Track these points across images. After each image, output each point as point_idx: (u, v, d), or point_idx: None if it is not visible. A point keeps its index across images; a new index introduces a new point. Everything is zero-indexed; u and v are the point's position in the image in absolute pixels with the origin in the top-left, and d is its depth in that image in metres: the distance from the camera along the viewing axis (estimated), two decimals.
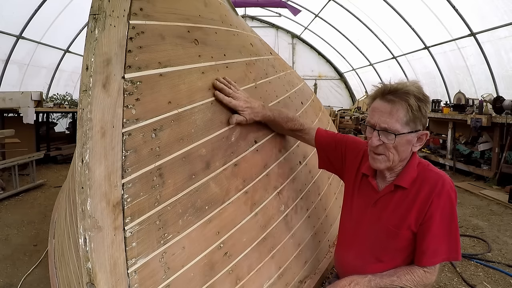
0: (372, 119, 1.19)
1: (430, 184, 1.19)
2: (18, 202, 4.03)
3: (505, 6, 5.38)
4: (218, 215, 1.15)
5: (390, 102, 1.14)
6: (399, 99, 1.13)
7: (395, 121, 1.13)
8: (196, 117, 1.15)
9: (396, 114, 1.13)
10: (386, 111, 1.15)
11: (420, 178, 1.22)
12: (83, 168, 0.83)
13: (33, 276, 2.36)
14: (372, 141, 1.18)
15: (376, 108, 1.19)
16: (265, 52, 2.02)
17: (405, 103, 1.12)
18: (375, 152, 1.20)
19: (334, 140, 1.49)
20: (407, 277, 1.19)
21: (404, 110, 1.13)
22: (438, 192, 1.17)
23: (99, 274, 0.80)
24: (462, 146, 5.87)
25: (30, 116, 5.14)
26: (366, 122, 1.23)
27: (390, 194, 1.26)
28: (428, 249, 1.17)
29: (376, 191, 1.30)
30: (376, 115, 1.17)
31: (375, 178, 1.31)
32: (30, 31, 6.82)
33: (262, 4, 9.06)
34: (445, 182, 1.18)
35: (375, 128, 1.17)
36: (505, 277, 2.43)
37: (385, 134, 1.15)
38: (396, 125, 1.13)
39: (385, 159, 1.19)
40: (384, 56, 9.70)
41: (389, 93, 1.16)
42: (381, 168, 1.23)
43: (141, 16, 1.03)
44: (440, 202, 1.16)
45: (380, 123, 1.15)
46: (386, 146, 1.16)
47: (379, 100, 1.18)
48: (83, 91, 0.87)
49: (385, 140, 1.16)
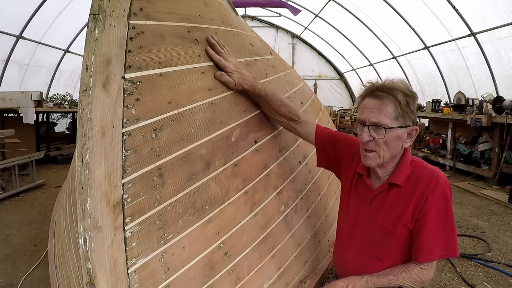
0: (362, 115, 1.21)
1: (424, 181, 1.19)
2: (18, 202, 4.03)
3: (505, 6, 5.38)
4: (218, 215, 1.15)
5: (379, 98, 1.18)
6: (387, 94, 1.16)
7: (384, 115, 1.16)
8: (196, 117, 1.15)
9: (385, 109, 1.16)
10: (375, 107, 1.17)
11: (414, 175, 1.22)
12: (83, 168, 0.83)
13: (33, 276, 2.36)
14: (362, 136, 1.19)
15: (365, 105, 1.22)
16: (265, 52, 2.02)
17: (393, 98, 1.15)
18: (366, 149, 1.22)
19: (333, 139, 1.49)
20: (403, 275, 1.20)
21: (392, 105, 1.16)
22: (432, 188, 1.18)
23: (99, 274, 0.80)
24: (462, 146, 5.87)
25: (30, 116, 5.14)
26: (357, 119, 1.25)
27: (385, 193, 1.26)
28: (424, 245, 1.18)
29: (370, 190, 1.30)
30: (365, 111, 1.20)
31: (369, 177, 1.32)
32: (30, 31, 6.82)
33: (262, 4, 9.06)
34: (439, 178, 1.19)
35: (365, 124, 1.19)
36: (505, 277, 2.42)
37: (375, 129, 1.17)
38: (385, 120, 1.15)
39: (376, 156, 1.20)
40: (384, 56, 9.70)
41: (377, 90, 1.19)
42: (372, 165, 1.23)
43: (141, 16, 1.03)
44: (435, 198, 1.17)
45: (370, 118, 1.18)
46: (377, 142, 1.18)
47: (368, 97, 1.22)
48: (83, 91, 0.87)
49: (375, 135, 1.17)
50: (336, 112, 10.79)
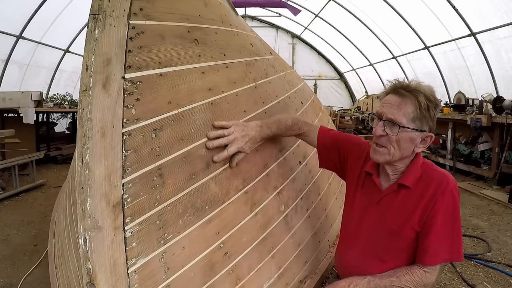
0: (381, 109, 1.21)
1: (435, 184, 1.19)
2: (18, 202, 4.03)
3: (505, 6, 5.38)
4: (218, 215, 1.15)
5: (401, 95, 1.17)
6: (409, 94, 1.16)
7: (402, 114, 1.15)
8: (196, 117, 1.15)
9: (404, 108, 1.15)
10: (395, 104, 1.17)
11: (424, 178, 1.22)
12: (83, 168, 0.83)
13: (33, 276, 2.36)
14: (376, 130, 1.20)
15: (386, 100, 1.22)
16: (265, 52, 2.02)
17: (414, 98, 1.15)
18: (377, 143, 1.21)
19: (337, 140, 1.48)
20: (406, 278, 1.18)
21: (412, 106, 1.15)
22: (442, 191, 1.17)
23: (99, 274, 0.80)
24: (462, 146, 5.87)
25: (30, 116, 5.14)
26: (375, 112, 1.25)
27: (393, 194, 1.25)
28: (429, 248, 1.17)
29: (379, 190, 1.29)
30: (385, 106, 1.20)
31: (379, 176, 1.31)
32: (30, 31, 6.82)
33: (262, 4, 9.07)
34: (449, 181, 1.19)
35: (381, 118, 1.19)
36: (505, 277, 2.42)
37: (390, 126, 1.17)
38: (402, 118, 1.15)
39: (385, 152, 1.20)
40: (384, 56, 9.70)
41: (401, 87, 1.18)
42: (380, 161, 1.23)
43: (141, 16, 1.03)
44: (444, 201, 1.16)
45: (387, 114, 1.18)
46: (389, 138, 1.17)
47: (391, 94, 1.21)
48: (83, 91, 0.87)
49: (389, 131, 1.17)
50: (336, 112, 10.79)
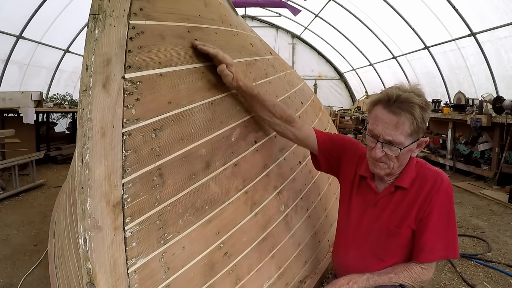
0: (376, 129, 1.16)
1: (430, 182, 1.21)
2: (18, 202, 4.03)
3: (505, 6, 5.38)
4: (218, 215, 1.15)
5: (396, 114, 1.12)
6: (405, 111, 1.11)
7: (399, 133, 1.12)
8: (196, 117, 1.15)
9: (402, 127, 1.12)
10: (391, 123, 1.12)
11: (419, 178, 1.23)
12: (83, 168, 0.83)
13: (33, 276, 2.36)
14: (375, 153, 1.16)
15: (379, 118, 1.15)
16: (265, 52, 2.02)
17: (410, 116, 1.11)
18: (376, 160, 1.21)
19: (331, 142, 1.47)
20: (404, 274, 1.21)
21: (409, 122, 1.11)
22: (437, 189, 1.19)
23: (99, 274, 0.80)
24: (462, 146, 5.87)
25: (30, 116, 5.14)
26: (368, 131, 1.20)
27: (390, 195, 1.27)
28: (425, 245, 1.19)
29: (375, 192, 1.30)
30: (380, 125, 1.14)
31: (374, 180, 1.32)
32: (30, 31, 6.82)
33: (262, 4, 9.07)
34: (443, 179, 1.21)
35: (378, 140, 1.16)
36: (505, 277, 2.42)
37: (389, 147, 1.15)
38: (400, 138, 1.12)
39: (385, 167, 1.21)
40: (384, 56, 9.70)
41: (394, 102, 1.12)
42: (381, 174, 1.24)
43: (141, 16, 1.03)
44: (439, 198, 1.19)
45: (385, 136, 1.13)
46: (388, 156, 1.17)
47: (383, 109, 1.14)
48: (83, 91, 0.87)
49: (389, 152, 1.16)
50: (336, 112, 10.80)
